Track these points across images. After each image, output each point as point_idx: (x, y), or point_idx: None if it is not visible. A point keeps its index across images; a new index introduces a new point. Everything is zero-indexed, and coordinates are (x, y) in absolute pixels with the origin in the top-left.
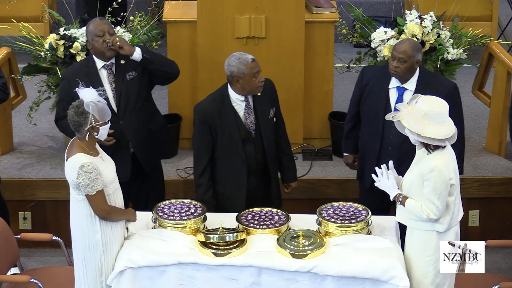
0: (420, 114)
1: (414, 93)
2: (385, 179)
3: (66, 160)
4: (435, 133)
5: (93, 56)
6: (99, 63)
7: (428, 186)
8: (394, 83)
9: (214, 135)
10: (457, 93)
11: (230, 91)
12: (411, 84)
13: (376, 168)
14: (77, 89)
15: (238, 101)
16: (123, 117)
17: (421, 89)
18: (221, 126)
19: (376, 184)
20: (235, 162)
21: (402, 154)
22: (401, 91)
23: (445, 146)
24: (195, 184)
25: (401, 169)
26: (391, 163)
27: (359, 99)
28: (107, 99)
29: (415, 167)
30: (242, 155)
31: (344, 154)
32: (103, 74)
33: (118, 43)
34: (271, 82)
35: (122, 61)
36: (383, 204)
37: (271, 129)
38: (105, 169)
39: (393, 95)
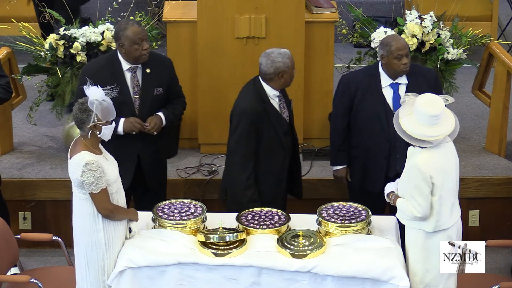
0: (412, 102)
1: (407, 85)
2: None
3: (70, 158)
4: (409, 126)
5: (119, 57)
6: (125, 65)
7: (410, 183)
8: (385, 81)
9: (259, 134)
10: (438, 78)
11: (267, 88)
12: (403, 78)
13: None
14: (84, 86)
15: (274, 97)
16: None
17: (413, 80)
18: (267, 124)
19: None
20: (278, 156)
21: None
22: (395, 87)
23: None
24: (242, 186)
25: None
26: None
27: (349, 108)
28: (130, 101)
29: (407, 162)
30: (285, 148)
31: (337, 167)
32: (127, 76)
33: (155, 132)
34: None
35: (148, 70)
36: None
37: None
38: (109, 168)
39: (388, 92)
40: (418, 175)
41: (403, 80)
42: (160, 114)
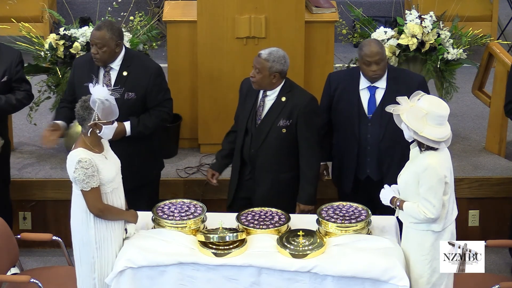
0: (421, 113)
1: (385, 90)
2: (382, 190)
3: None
4: (432, 134)
5: None
6: None
7: (424, 185)
8: (364, 84)
9: None
10: (426, 85)
11: None
12: (382, 82)
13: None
14: (90, 84)
15: None
16: None
17: (392, 86)
18: None
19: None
20: None
21: (381, 152)
22: (372, 90)
23: (437, 148)
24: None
25: (383, 168)
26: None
27: (328, 106)
28: None
29: (410, 165)
30: None
31: None
32: (101, 74)
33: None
34: None
35: (125, 73)
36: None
37: None
38: (106, 167)
39: (364, 95)
40: (434, 176)
41: (381, 84)
42: (126, 123)
